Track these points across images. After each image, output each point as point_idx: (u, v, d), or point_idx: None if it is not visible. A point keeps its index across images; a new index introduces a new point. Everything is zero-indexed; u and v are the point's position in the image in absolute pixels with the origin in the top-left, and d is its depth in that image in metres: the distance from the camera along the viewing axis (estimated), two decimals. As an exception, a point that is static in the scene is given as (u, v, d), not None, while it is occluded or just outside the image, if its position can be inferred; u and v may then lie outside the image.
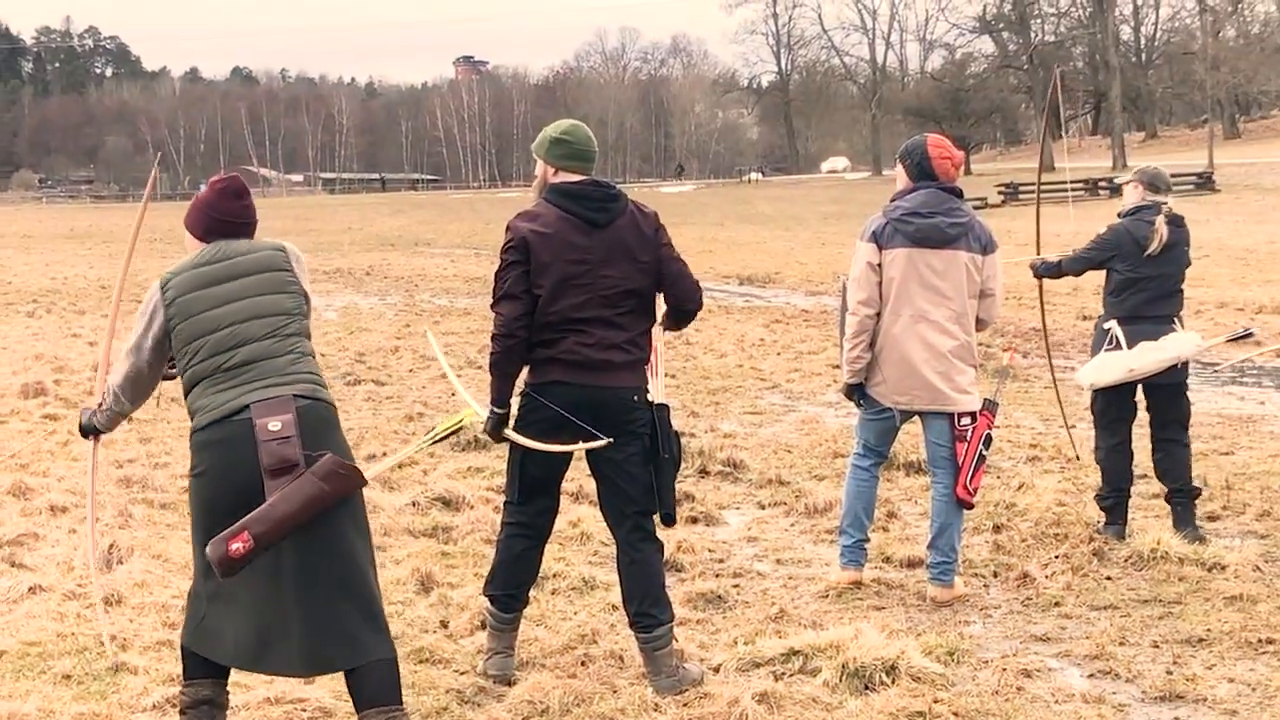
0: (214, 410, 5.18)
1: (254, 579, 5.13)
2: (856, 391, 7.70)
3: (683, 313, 6.50)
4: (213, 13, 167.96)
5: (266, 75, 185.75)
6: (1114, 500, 8.65)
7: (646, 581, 6.24)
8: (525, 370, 6.30)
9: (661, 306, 6.47)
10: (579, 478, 8.37)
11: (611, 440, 6.07)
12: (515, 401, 6.30)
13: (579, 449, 6.12)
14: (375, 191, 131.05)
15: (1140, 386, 8.59)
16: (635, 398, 6.23)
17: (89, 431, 5.90)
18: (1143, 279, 8.48)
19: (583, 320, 6.10)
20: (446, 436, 5.71)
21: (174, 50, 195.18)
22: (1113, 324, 8.54)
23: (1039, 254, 9.49)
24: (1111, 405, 8.66)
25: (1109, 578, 7.83)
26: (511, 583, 6.40)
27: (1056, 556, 8.14)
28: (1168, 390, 8.58)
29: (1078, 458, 10.51)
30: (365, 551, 5.29)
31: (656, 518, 6.33)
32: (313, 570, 5.13)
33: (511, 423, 6.30)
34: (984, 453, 7.52)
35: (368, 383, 15.74)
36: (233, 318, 5.29)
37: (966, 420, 7.47)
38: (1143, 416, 8.76)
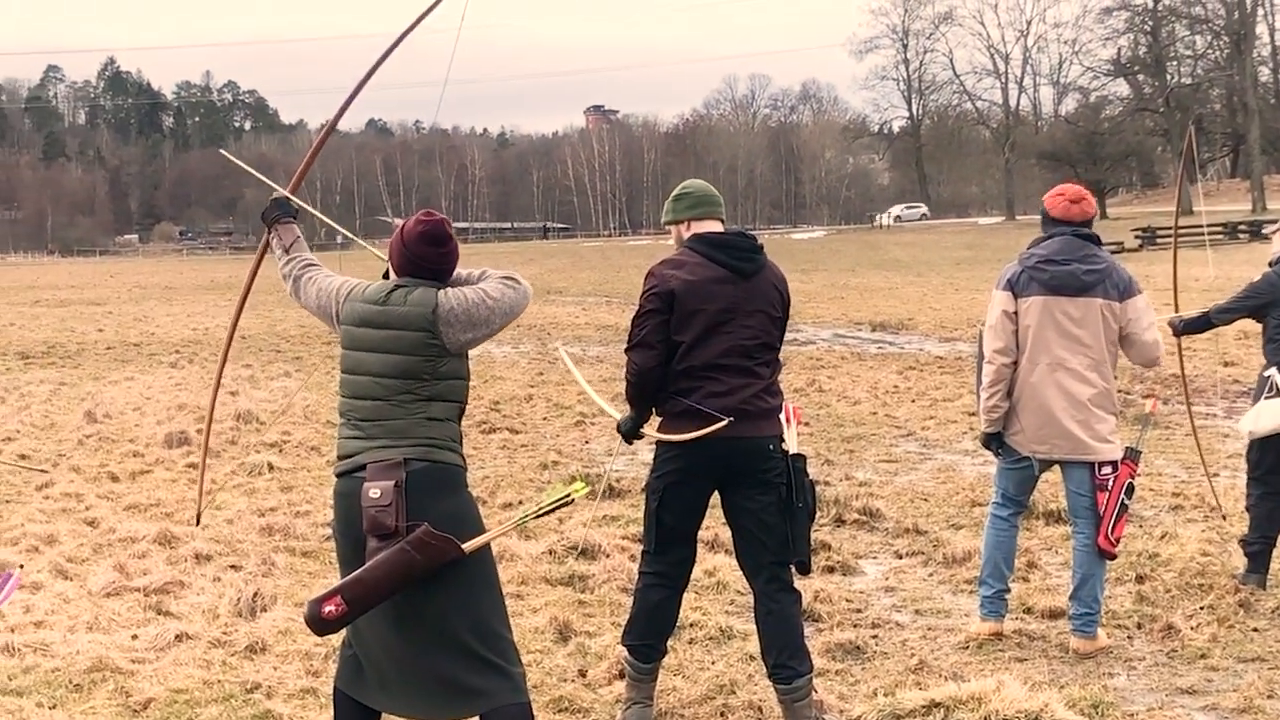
0: (343, 461, 5.37)
1: (381, 627, 5.23)
2: (994, 440, 7.64)
3: None
4: (348, 67, 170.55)
5: (401, 127, 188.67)
6: (1260, 547, 8.51)
7: (785, 632, 6.21)
8: (659, 420, 6.34)
9: None
10: (715, 526, 8.37)
11: (731, 420, 6.00)
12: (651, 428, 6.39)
13: (705, 433, 6.02)
14: (507, 240, 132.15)
15: None
16: (771, 446, 6.22)
17: (271, 222, 6.03)
18: None
19: (721, 369, 6.11)
20: (551, 511, 5.68)
21: (310, 103, 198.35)
22: (1272, 371, 8.42)
23: (1177, 309, 9.37)
24: (1267, 454, 8.51)
25: (1256, 629, 7.69)
26: (650, 632, 6.40)
27: (1202, 608, 8.00)
28: None
29: (1223, 516, 10.27)
30: (480, 602, 5.29)
31: (793, 567, 6.32)
32: (424, 623, 5.21)
33: (650, 472, 6.35)
34: (1126, 502, 7.41)
35: (503, 430, 15.85)
36: (369, 368, 5.37)
37: (1108, 469, 7.37)
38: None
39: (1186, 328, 9.07)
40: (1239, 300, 8.70)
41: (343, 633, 5.39)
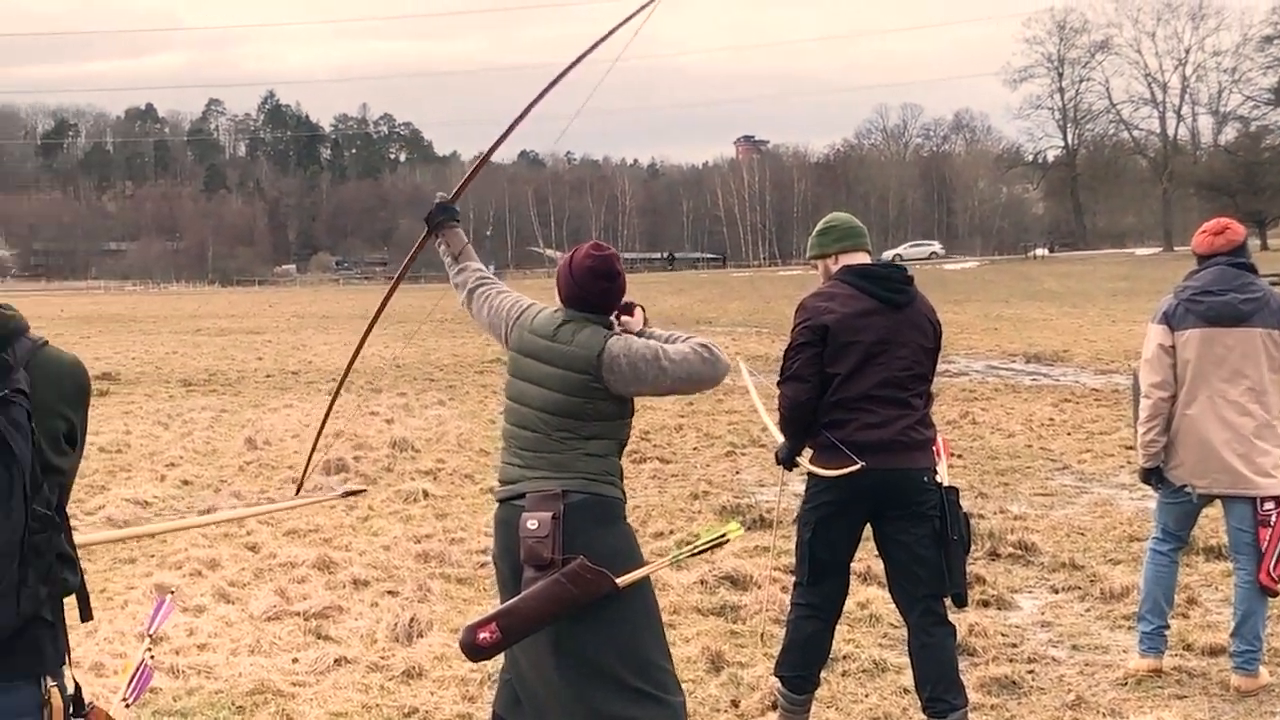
0: (504, 488, 5.44)
1: (536, 657, 5.28)
2: (1154, 475, 7.54)
3: None
4: (501, 100, 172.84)
5: (552, 158, 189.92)
6: None
7: (939, 665, 6.18)
8: (811, 452, 6.35)
9: None
10: (867, 558, 8.33)
11: (863, 464, 6.01)
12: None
13: (844, 473, 6.05)
14: (658, 270, 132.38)
15: None
16: (925, 479, 6.20)
17: (436, 226, 6.09)
18: None
19: (876, 400, 6.12)
20: (706, 550, 5.69)
21: (464, 135, 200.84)
22: None
23: None
24: None
25: None
26: (803, 664, 6.40)
27: (1369, 647, 7.81)
28: None
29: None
30: (635, 633, 5.28)
31: (948, 599, 6.28)
32: (579, 655, 5.22)
33: (801, 503, 6.36)
34: (1290, 538, 7.27)
35: (653, 460, 15.90)
36: (531, 400, 5.42)
37: (1270, 505, 7.23)
38: None
39: None
40: None
41: (501, 658, 5.46)
